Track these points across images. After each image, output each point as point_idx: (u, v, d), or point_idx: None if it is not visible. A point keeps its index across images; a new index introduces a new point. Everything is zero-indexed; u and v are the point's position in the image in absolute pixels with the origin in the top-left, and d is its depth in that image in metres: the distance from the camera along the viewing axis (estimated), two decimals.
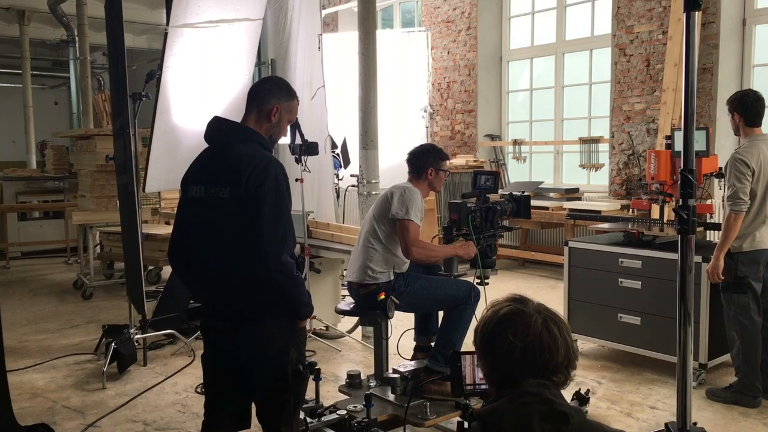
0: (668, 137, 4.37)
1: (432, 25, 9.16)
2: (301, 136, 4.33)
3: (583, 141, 7.58)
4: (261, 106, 2.46)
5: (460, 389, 1.90)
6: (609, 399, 3.92)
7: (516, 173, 8.73)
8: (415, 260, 3.42)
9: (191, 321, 4.02)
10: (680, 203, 2.21)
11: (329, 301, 5.12)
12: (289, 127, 2.67)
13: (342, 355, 4.81)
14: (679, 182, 2.20)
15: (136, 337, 4.59)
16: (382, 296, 3.34)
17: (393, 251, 3.41)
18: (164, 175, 5.31)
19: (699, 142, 3.77)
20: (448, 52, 9.05)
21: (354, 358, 4.77)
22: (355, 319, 4.77)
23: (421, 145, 3.70)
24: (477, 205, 3.53)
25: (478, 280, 3.49)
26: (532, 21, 8.56)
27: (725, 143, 6.23)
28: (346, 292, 4.75)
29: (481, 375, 1.80)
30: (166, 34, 5.24)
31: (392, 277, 3.42)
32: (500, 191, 5.18)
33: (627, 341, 4.33)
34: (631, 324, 4.27)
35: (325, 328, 5.17)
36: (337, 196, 6.58)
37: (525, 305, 1.57)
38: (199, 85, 5.54)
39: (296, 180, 4.50)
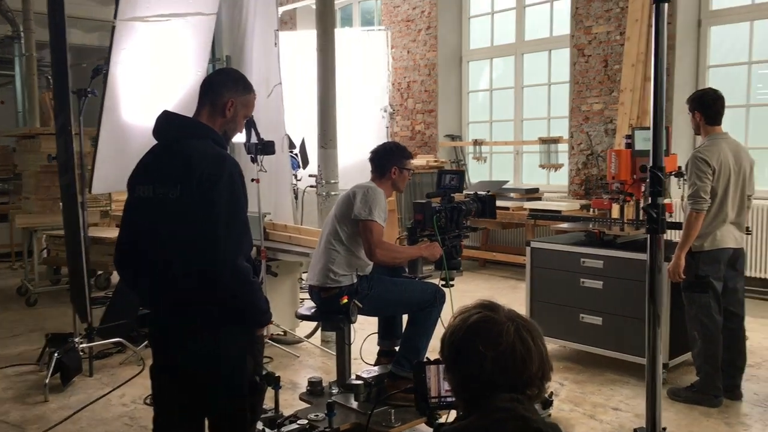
0: (628, 136, 4.37)
1: (392, 24, 9.07)
2: (257, 134, 4.19)
3: (543, 141, 7.60)
4: (215, 100, 2.30)
5: (425, 403, 1.77)
6: (572, 401, 3.88)
7: (476, 173, 8.72)
8: (379, 262, 3.33)
9: (141, 328, 3.81)
10: (649, 201, 2.15)
11: (287, 305, 4.99)
12: (244, 125, 2.52)
13: (300, 361, 4.67)
14: (648, 179, 2.14)
15: (82, 346, 4.35)
16: (345, 300, 3.25)
17: (356, 253, 3.31)
18: (112, 175, 5.06)
19: None
20: (408, 52, 8.98)
21: (313, 364, 4.63)
22: (314, 323, 4.64)
23: (385, 144, 3.61)
24: (442, 205, 3.46)
25: (443, 282, 3.41)
26: (491, 21, 8.56)
27: (681, 143, 6.32)
28: (304, 296, 4.62)
29: (447, 386, 1.70)
30: (113, 28, 5.01)
31: (355, 280, 3.32)
32: (464, 191, 5.13)
33: (589, 342, 4.32)
34: (592, 324, 4.26)
35: (282, 333, 5.02)
36: (295, 197, 6.44)
37: (496, 312, 1.46)
38: (150, 82, 5.31)
39: (252, 180, 4.34)
